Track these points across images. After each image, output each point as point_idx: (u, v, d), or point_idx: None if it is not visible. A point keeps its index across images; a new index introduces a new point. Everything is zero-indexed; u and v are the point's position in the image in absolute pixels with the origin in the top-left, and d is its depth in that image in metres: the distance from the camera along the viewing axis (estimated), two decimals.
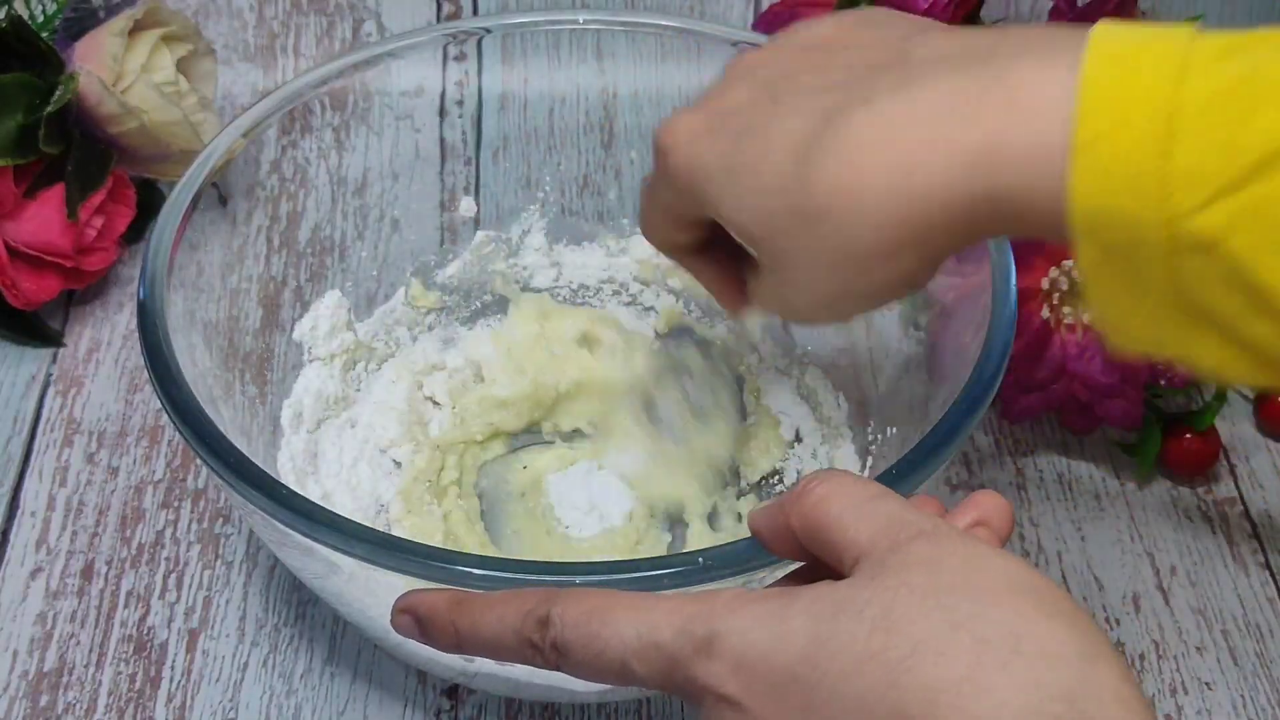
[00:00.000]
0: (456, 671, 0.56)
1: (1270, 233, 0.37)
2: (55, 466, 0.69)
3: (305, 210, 0.68)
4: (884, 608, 0.36)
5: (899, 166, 0.42)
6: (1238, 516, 0.69)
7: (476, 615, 0.43)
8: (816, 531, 0.40)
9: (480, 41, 0.72)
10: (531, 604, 0.42)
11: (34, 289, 0.73)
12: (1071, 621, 0.36)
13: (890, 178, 0.42)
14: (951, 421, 0.52)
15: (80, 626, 0.63)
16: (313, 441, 0.65)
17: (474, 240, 0.72)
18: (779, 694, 0.37)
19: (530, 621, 0.41)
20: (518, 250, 0.73)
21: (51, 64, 0.72)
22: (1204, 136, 0.38)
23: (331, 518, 0.49)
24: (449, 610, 0.44)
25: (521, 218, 0.73)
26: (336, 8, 0.88)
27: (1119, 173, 0.39)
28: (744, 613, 0.38)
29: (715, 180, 0.47)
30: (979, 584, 0.37)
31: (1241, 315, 0.39)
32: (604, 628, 0.40)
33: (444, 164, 0.73)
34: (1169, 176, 0.38)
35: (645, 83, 0.72)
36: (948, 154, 0.42)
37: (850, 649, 0.36)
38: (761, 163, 0.46)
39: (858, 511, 0.40)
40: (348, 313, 0.68)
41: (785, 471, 0.67)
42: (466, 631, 0.43)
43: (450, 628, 0.43)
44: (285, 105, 0.65)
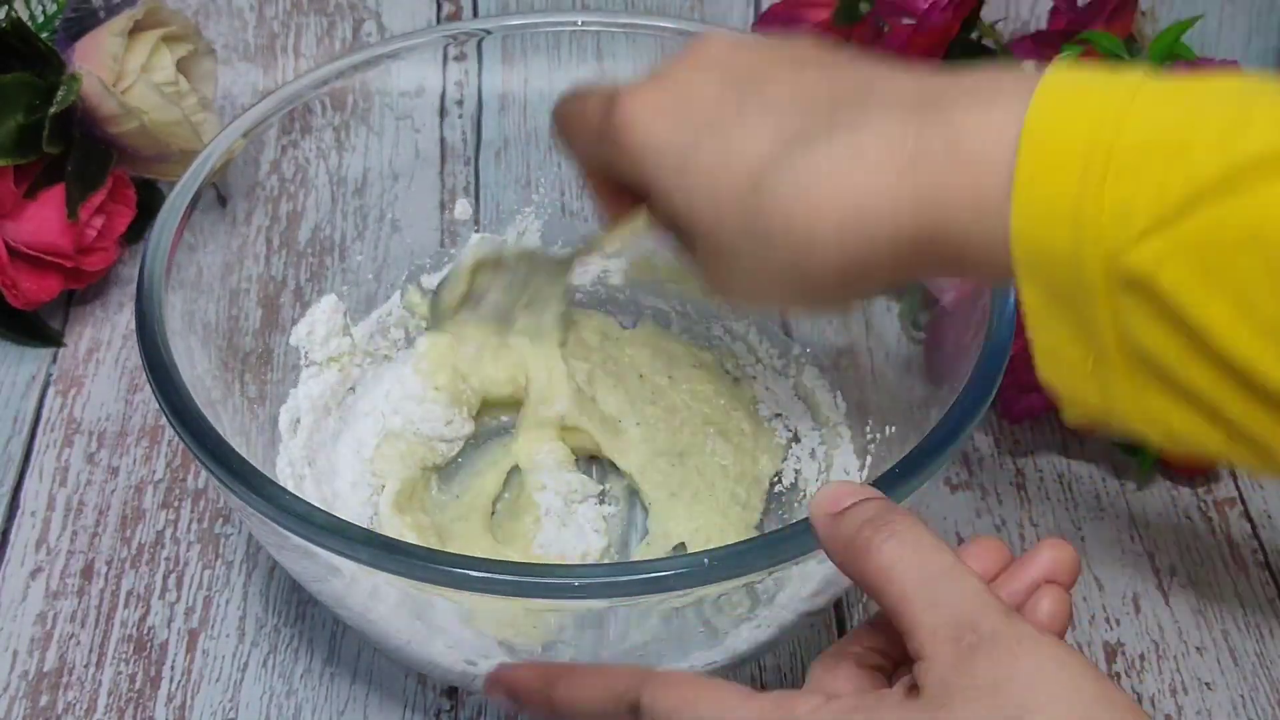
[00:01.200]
0: (456, 675, 0.56)
1: (1199, 267, 0.37)
2: (55, 466, 0.69)
3: (305, 210, 0.68)
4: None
5: (849, 205, 0.43)
6: (1237, 516, 0.69)
7: (570, 692, 0.46)
8: (879, 597, 0.42)
9: (480, 42, 0.72)
10: (622, 687, 0.44)
11: (34, 289, 0.73)
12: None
13: (841, 215, 0.43)
14: (952, 422, 0.52)
15: (80, 626, 0.63)
16: (310, 446, 0.65)
17: (469, 243, 0.72)
18: None
19: (623, 705, 0.44)
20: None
21: (52, 64, 0.72)
22: (1137, 174, 0.38)
23: (330, 520, 0.49)
24: (542, 686, 0.47)
25: (516, 220, 0.73)
26: (336, 8, 0.88)
27: (1055, 209, 0.39)
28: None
29: (667, 170, 0.48)
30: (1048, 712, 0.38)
31: (1181, 360, 0.39)
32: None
33: (444, 164, 0.73)
34: (1102, 211, 0.38)
35: None
36: (894, 198, 0.42)
37: None
38: (718, 172, 0.46)
39: (929, 593, 0.40)
40: (344, 316, 0.68)
41: (784, 472, 0.67)
42: (563, 707, 0.46)
43: (546, 703, 0.47)
44: (285, 106, 0.65)
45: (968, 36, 0.77)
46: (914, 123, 0.43)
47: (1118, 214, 0.38)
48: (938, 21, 0.75)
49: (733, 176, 0.46)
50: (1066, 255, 0.39)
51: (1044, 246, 0.39)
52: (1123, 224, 0.38)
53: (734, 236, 0.46)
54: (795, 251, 0.45)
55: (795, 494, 0.66)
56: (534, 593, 0.47)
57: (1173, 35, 0.73)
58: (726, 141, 0.47)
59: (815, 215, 0.44)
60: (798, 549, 0.48)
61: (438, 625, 0.53)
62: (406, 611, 0.53)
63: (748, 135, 0.46)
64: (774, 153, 0.45)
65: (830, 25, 0.83)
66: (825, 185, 0.44)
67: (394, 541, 0.49)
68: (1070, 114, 0.39)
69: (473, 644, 0.53)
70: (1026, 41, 0.77)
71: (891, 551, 0.41)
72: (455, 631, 0.53)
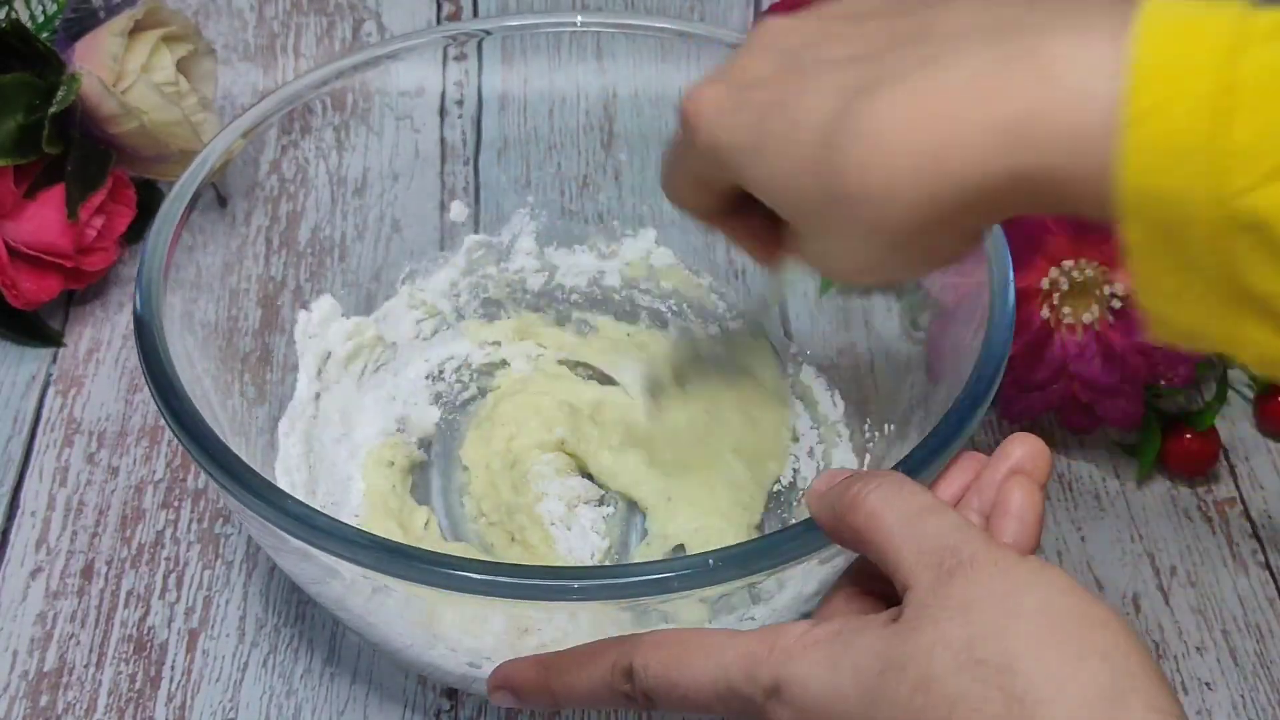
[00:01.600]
0: (456, 678, 0.56)
1: None
2: (55, 466, 0.69)
3: (305, 210, 0.68)
4: (922, 669, 0.39)
5: (928, 146, 0.41)
6: (1237, 516, 0.69)
7: (568, 677, 0.46)
8: (868, 547, 0.43)
9: (480, 43, 0.72)
10: (613, 657, 0.45)
11: (34, 289, 0.73)
12: (1104, 658, 0.38)
13: (920, 158, 0.41)
14: (952, 422, 0.52)
15: (80, 626, 0.63)
16: (309, 449, 0.65)
17: (464, 245, 0.72)
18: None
19: (617, 675, 0.45)
20: (509, 254, 0.73)
21: (51, 64, 0.72)
22: (1261, 113, 0.37)
23: (329, 523, 0.48)
24: (540, 677, 0.47)
25: (512, 221, 0.73)
26: (336, 8, 0.88)
27: (1172, 147, 0.37)
28: (803, 661, 0.41)
29: (743, 156, 0.46)
30: (1013, 631, 0.39)
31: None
32: (682, 676, 0.43)
33: (444, 164, 0.73)
34: (1225, 152, 0.37)
35: (645, 83, 0.72)
36: (979, 132, 0.40)
37: (894, 708, 0.39)
38: (788, 141, 0.45)
39: (908, 529, 0.42)
40: (342, 318, 0.68)
41: (783, 472, 0.67)
42: (562, 694, 0.47)
43: (546, 694, 0.47)
44: (284, 107, 0.65)
45: None
46: (993, 54, 0.41)
47: (1241, 156, 0.37)
48: None
49: (803, 143, 0.44)
50: (1179, 193, 0.37)
51: (1155, 185, 0.38)
52: (1245, 167, 0.37)
53: (815, 204, 0.44)
54: (874, 205, 0.43)
55: (794, 493, 0.66)
56: (536, 595, 0.47)
57: None
58: (790, 110, 0.45)
59: (890, 161, 0.42)
60: (801, 549, 0.48)
61: (437, 629, 0.53)
62: (408, 615, 0.53)
63: (810, 98, 0.44)
64: (839, 107, 0.43)
65: None
66: (898, 129, 0.42)
67: (394, 544, 0.48)
68: (1182, 46, 0.38)
69: (473, 646, 0.53)
70: None
71: (876, 499, 0.43)
72: (455, 635, 0.53)
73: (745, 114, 0.46)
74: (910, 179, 0.42)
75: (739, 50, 0.49)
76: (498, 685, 0.48)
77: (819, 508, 0.46)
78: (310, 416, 0.65)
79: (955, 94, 0.41)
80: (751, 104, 0.46)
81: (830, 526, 0.45)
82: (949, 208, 0.42)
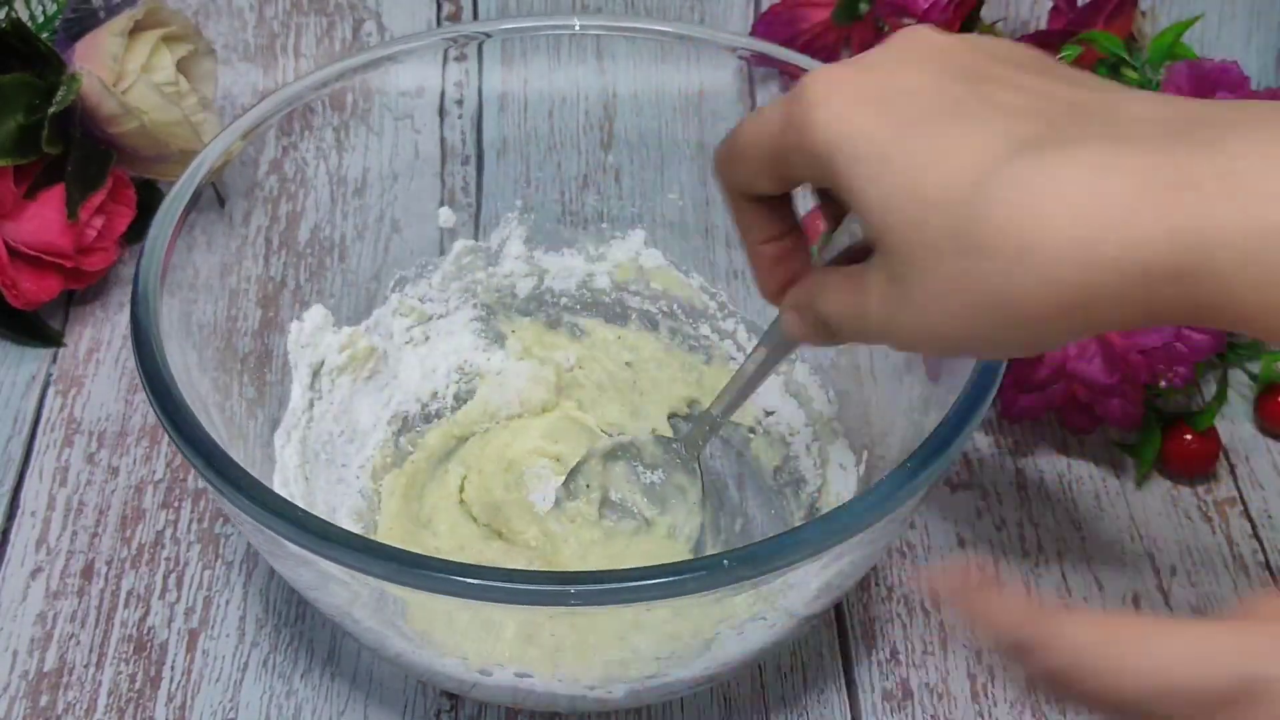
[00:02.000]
0: (455, 683, 0.56)
1: None
2: (55, 466, 0.69)
3: (304, 210, 0.68)
4: None
5: (1092, 224, 0.38)
6: (1237, 516, 0.69)
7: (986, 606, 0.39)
8: None
9: (480, 45, 0.72)
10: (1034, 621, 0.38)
11: (34, 289, 0.73)
12: None
13: (1078, 233, 0.38)
14: (953, 422, 0.51)
15: (80, 626, 0.63)
16: (304, 459, 0.65)
17: (454, 250, 0.72)
18: None
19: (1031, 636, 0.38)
20: (497, 258, 0.73)
21: (51, 64, 0.72)
22: None
23: (325, 528, 0.48)
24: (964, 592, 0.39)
25: (501, 225, 0.73)
26: (336, 8, 0.88)
27: None
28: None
29: (864, 162, 0.42)
30: None
31: None
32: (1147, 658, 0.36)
33: (444, 165, 0.73)
34: None
35: (645, 84, 0.72)
36: (1151, 224, 0.37)
37: None
38: (930, 167, 0.41)
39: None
40: (334, 328, 0.68)
41: (781, 469, 0.68)
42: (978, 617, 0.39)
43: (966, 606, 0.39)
44: (284, 108, 0.64)
45: None
46: (1177, 147, 0.38)
47: None
48: (937, 21, 0.75)
49: (947, 174, 0.40)
50: None
51: None
52: None
53: (936, 243, 0.40)
54: (1011, 268, 0.39)
55: (794, 489, 0.66)
56: (543, 601, 0.47)
57: (1173, 35, 0.73)
58: (944, 137, 0.41)
59: (1046, 225, 0.38)
60: (816, 546, 0.47)
61: (440, 636, 0.53)
62: (403, 621, 0.52)
63: (971, 132, 0.41)
64: (1003, 153, 0.40)
65: (830, 25, 0.83)
66: (1064, 195, 0.38)
67: (390, 549, 0.48)
68: None
69: (480, 652, 0.53)
70: (1026, 42, 0.77)
71: None
72: (454, 641, 0.53)
73: (884, 118, 0.42)
74: (1061, 251, 0.38)
75: (886, 49, 0.45)
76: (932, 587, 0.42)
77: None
78: (305, 425, 0.65)
79: (1134, 179, 0.38)
80: (894, 110, 0.42)
81: None
82: (1094, 294, 0.39)
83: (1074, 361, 0.66)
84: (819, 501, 0.65)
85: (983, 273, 0.40)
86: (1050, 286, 0.39)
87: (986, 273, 0.39)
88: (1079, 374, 0.66)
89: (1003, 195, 0.39)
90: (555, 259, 0.73)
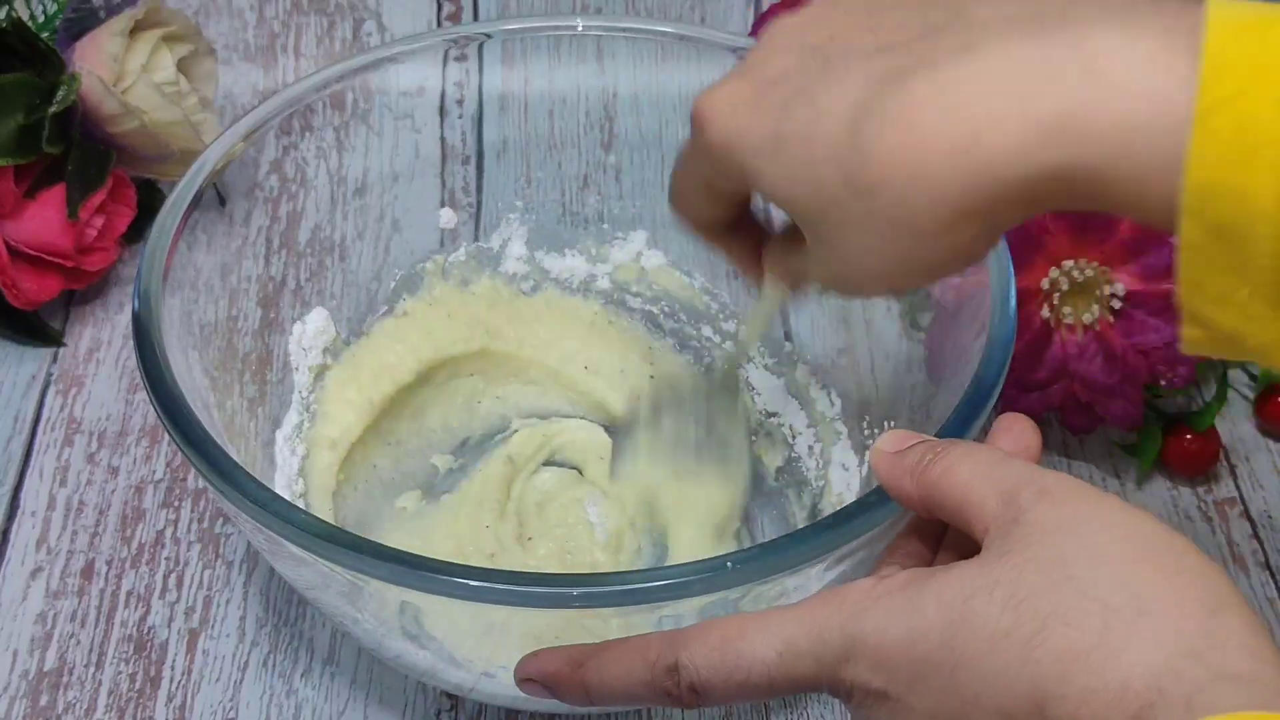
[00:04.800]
0: (454, 686, 0.56)
1: None
2: (56, 466, 0.69)
3: (305, 210, 0.68)
4: (1011, 587, 0.37)
5: (963, 136, 0.40)
6: (1237, 517, 0.69)
7: (602, 673, 0.44)
8: (944, 499, 0.42)
9: (481, 46, 0.72)
10: (655, 653, 0.42)
11: (34, 289, 0.73)
12: (1196, 576, 0.37)
13: (953, 147, 0.40)
14: (956, 423, 0.51)
15: (80, 626, 0.63)
16: (304, 460, 0.65)
17: (457, 252, 0.72)
18: (922, 680, 0.38)
19: (659, 670, 0.42)
20: (499, 259, 0.73)
21: (52, 64, 0.72)
22: None
23: (329, 530, 0.48)
24: (573, 672, 0.44)
25: (502, 226, 0.73)
26: (337, 7, 0.88)
27: (1244, 139, 0.37)
28: (877, 611, 0.39)
29: (760, 152, 0.44)
30: (1103, 549, 0.38)
31: None
32: (740, 657, 0.41)
33: (444, 165, 0.73)
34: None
35: (646, 84, 0.72)
36: (1018, 124, 0.39)
37: (984, 630, 0.37)
38: (812, 131, 0.43)
39: (985, 476, 0.41)
40: (335, 329, 0.68)
41: (784, 469, 0.67)
42: (596, 689, 0.44)
43: (579, 689, 0.44)
44: (285, 110, 0.64)
45: None
46: (1035, 45, 0.39)
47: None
48: None
49: (827, 132, 0.42)
50: (1245, 188, 0.37)
51: (1220, 179, 0.37)
52: None
53: (835, 196, 0.43)
54: (903, 195, 0.41)
55: (796, 490, 0.66)
56: (547, 603, 0.47)
57: None
58: (816, 100, 0.43)
59: (922, 149, 0.40)
60: (819, 548, 0.47)
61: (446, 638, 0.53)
62: (404, 621, 0.52)
63: (837, 87, 0.43)
64: (871, 94, 0.41)
65: None
66: (931, 116, 0.40)
67: (391, 550, 0.47)
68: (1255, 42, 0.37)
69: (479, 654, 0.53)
70: None
71: (949, 459, 0.42)
72: (456, 642, 0.53)
73: (764, 111, 0.45)
74: (942, 168, 0.40)
75: (754, 51, 0.47)
76: (527, 676, 0.46)
77: (887, 466, 0.44)
78: (307, 428, 0.65)
79: (994, 83, 0.40)
80: (771, 100, 0.45)
81: (896, 485, 0.44)
82: (978, 200, 0.41)
83: (1074, 361, 0.66)
84: (821, 503, 0.65)
85: (882, 207, 0.42)
86: (942, 203, 0.41)
87: (886, 206, 0.42)
88: (1079, 374, 0.66)
89: (877, 131, 0.41)
90: (557, 260, 0.73)
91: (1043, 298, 0.65)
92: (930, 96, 0.40)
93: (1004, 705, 0.37)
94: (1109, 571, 0.37)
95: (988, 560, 0.39)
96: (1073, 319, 0.66)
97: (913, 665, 0.39)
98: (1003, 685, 0.37)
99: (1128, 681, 0.35)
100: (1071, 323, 0.66)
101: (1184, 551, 0.38)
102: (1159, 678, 0.35)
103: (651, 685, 0.43)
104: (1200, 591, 0.37)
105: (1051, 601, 0.37)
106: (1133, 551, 0.38)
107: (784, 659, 0.41)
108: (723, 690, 0.41)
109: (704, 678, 0.41)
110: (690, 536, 0.62)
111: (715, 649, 0.41)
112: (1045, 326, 0.66)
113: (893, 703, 0.39)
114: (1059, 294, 0.65)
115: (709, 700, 0.42)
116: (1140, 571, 0.37)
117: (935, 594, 0.39)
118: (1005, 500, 0.40)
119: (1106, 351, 0.65)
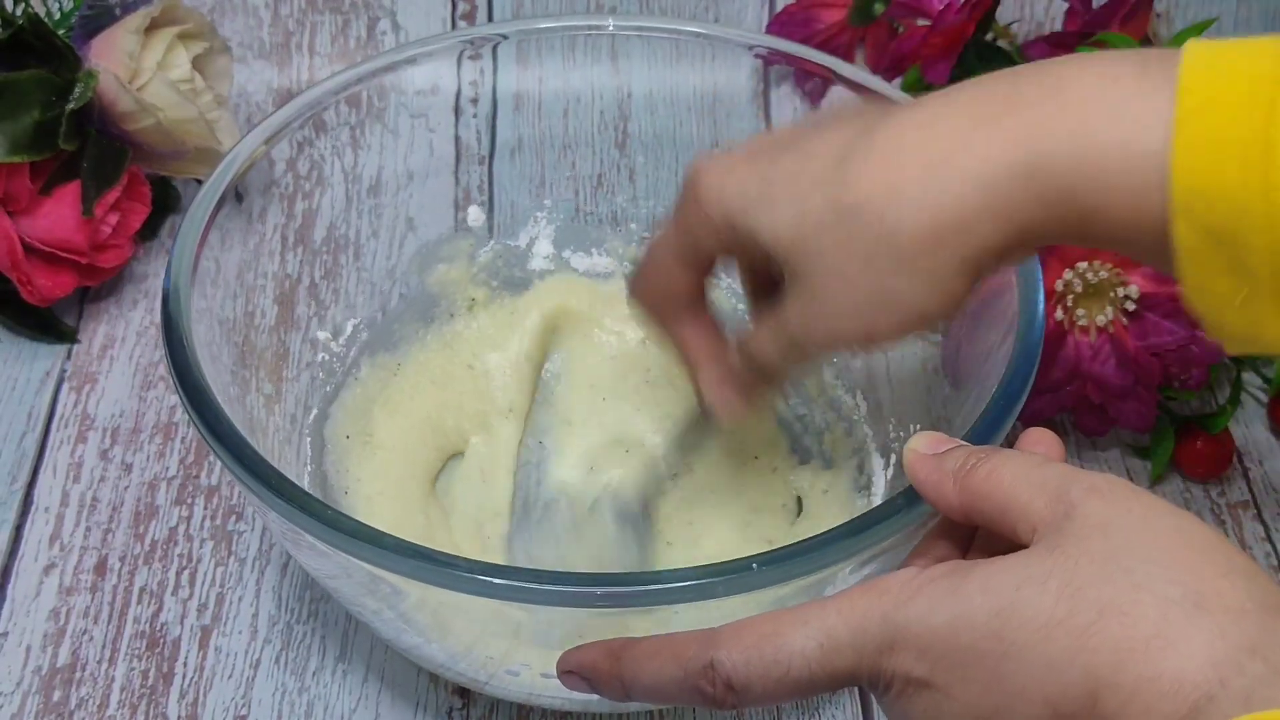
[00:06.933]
0: (468, 679, 0.56)
1: None
2: (69, 462, 0.69)
3: (321, 208, 0.68)
4: (1066, 577, 0.37)
5: (939, 151, 0.43)
6: (1250, 519, 0.69)
7: (638, 668, 0.44)
8: (986, 503, 0.42)
9: (496, 46, 0.72)
10: (691, 651, 0.42)
11: (49, 285, 0.73)
12: (1249, 576, 0.37)
13: (929, 161, 0.43)
14: (983, 430, 0.51)
15: (93, 622, 0.63)
16: (326, 454, 0.65)
17: (484, 249, 0.72)
18: (967, 669, 0.38)
19: (694, 670, 0.42)
20: (526, 258, 0.73)
21: (68, 61, 0.72)
22: None
23: (356, 527, 0.48)
24: (610, 665, 0.44)
25: (529, 225, 0.73)
26: (351, 6, 0.88)
27: (1224, 140, 0.38)
28: (920, 600, 0.39)
29: (750, 196, 0.48)
30: (1156, 545, 0.38)
31: None
32: (779, 652, 0.41)
33: (459, 164, 0.73)
34: (1274, 142, 0.37)
35: (660, 84, 0.72)
36: (986, 134, 0.42)
37: (1036, 619, 0.37)
38: (800, 169, 0.46)
39: (1029, 478, 0.41)
40: (364, 328, 0.68)
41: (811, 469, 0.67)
42: (631, 685, 0.44)
43: (616, 682, 0.44)
44: (307, 113, 0.65)
45: (982, 38, 0.77)
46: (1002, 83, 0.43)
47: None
48: (952, 23, 0.75)
49: (814, 170, 0.46)
50: (1231, 188, 0.38)
51: (1205, 182, 0.38)
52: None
53: (822, 221, 0.45)
54: (883, 211, 0.44)
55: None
56: (567, 602, 0.46)
57: (1188, 37, 0.73)
58: (804, 148, 0.47)
59: (901, 168, 0.43)
60: (845, 551, 0.47)
61: (458, 632, 0.53)
62: (427, 613, 0.52)
63: (824, 137, 0.47)
64: (854, 137, 0.45)
65: (844, 26, 0.83)
66: (911, 146, 0.43)
67: (414, 546, 0.47)
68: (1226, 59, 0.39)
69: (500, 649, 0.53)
70: (1041, 43, 0.77)
71: (993, 463, 0.42)
72: (474, 636, 0.53)
73: (756, 164, 0.48)
74: (918, 181, 0.43)
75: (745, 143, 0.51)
76: (569, 669, 0.46)
77: (928, 470, 0.44)
78: (331, 426, 0.65)
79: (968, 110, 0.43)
80: (762, 158, 0.48)
81: (936, 489, 0.44)
82: (955, 215, 0.42)
83: (1087, 363, 0.66)
84: None
85: (863, 228, 0.44)
86: (919, 218, 0.43)
87: (866, 227, 0.44)
88: (1093, 376, 0.66)
89: (860, 162, 0.44)
90: (584, 259, 0.73)
91: (1056, 299, 0.65)
92: (909, 129, 0.44)
93: (1052, 696, 0.37)
94: (1164, 566, 0.37)
95: (1037, 553, 0.39)
96: (1086, 321, 0.66)
97: (958, 653, 0.38)
98: (1054, 674, 0.37)
99: (1185, 673, 0.35)
100: (1085, 325, 0.66)
101: (1232, 553, 0.38)
102: (1220, 669, 0.35)
103: (684, 684, 0.42)
104: (1255, 591, 0.37)
105: (1108, 592, 0.37)
106: (1186, 548, 0.38)
107: (825, 651, 0.40)
108: (761, 687, 0.41)
109: (742, 675, 0.41)
110: None
111: (752, 646, 0.41)
112: (1059, 328, 0.66)
113: (934, 692, 0.39)
114: (1073, 296, 0.65)
115: (746, 699, 0.41)
116: (1195, 568, 0.37)
117: (981, 582, 0.39)
118: (1054, 498, 0.40)
119: (1120, 354, 0.65)
